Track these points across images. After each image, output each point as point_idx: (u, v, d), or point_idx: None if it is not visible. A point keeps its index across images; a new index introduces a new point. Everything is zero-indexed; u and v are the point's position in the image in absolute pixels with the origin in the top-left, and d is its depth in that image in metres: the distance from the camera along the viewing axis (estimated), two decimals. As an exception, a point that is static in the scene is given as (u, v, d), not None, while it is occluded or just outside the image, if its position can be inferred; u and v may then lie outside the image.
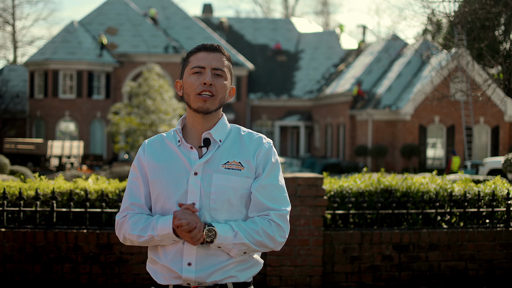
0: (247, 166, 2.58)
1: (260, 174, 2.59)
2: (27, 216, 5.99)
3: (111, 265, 5.87)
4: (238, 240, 2.49)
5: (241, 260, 2.56)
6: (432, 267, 6.23)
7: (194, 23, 41.83)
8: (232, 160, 2.57)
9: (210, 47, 2.62)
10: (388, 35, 38.99)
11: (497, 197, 6.44)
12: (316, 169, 33.08)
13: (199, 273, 2.50)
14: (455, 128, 31.01)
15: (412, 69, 33.01)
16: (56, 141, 29.09)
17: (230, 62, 2.66)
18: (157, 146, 2.66)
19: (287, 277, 6.00)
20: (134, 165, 2.68)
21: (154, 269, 2.62)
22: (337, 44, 44.18)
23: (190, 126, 2.65)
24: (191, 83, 2.58)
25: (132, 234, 2.58)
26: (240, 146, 2.61)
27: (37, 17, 74.35)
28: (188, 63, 2.64)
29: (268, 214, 2.56)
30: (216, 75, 2.59)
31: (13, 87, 39.37)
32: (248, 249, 2.53)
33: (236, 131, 2.67)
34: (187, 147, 2.60)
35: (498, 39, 19.39)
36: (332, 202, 6.19)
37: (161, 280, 2.58)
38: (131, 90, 28.86)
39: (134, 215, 2.62)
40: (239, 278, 2.56)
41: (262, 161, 2.60)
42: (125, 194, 2.69)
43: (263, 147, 2.62)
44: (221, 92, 2.59)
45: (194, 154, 2.58)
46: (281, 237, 2.56)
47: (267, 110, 41.52)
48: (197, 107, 2.57)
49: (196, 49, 2.63)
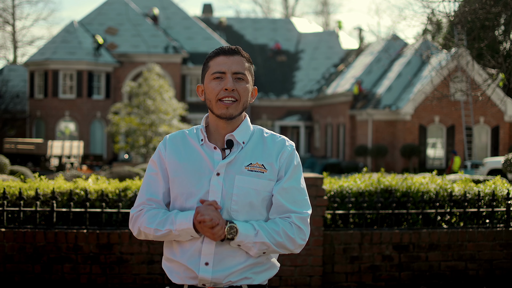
0: (270, 168, 2.56)
1: (282, 177, 2.58)
2: (27, 216, 5.99)
3: (111, 265, 5.87)
4: (259, 239, 2.48)
5: (258, 262, 2.55)
6: (432, 267, 6.23)
7: (194, 23, 41.82)
8: (255, 162, 2.56)
9: (229, 50, 2.58)
10: (388, 35, 39.01)
11: (497, 197, 6.44)
12: (316, 169, 33.08)
13: (216, 273, 2.49)
14: (455, 128, 31.01)
15: (412, 69, 33.01)
16: (56, 141, 29.09)
17: (250, 63, 2.62)
18: (178, 142, 2.63)
19: (287, 277, 6.00)
20: (154, 160, 2.65)
21: (170, 267, 2.60)
22: (337, 44, 44.19)
23: (214, 128, 2.62)
24: (213, 88, 2.55)
25: (148, 228, 2.56)
26: (263, 148, 2.60)
27: (37, 17, 74.35)
28: (208, 68, 2.60)
29: (289, 217, 2.55)
30: (237, 79, 2.56)
31: (13, 87, 39.36)
32: (268, 249, 2.51)
33: (259, 132, 2.65)
34: (210, 147, 2.58)
35: (498, 39, 19.39)
36: (332, 202, 6.19)
37: (176, 279, 2.57)
38: (131, 90, 28.85)
39: (150, 209, 2.60)
40: (254, 280, 2.55)
41: (284, 164, 2.59)
42: (141, 188, 2.65)
43: (286, 149, 2.61)
44: (244, 96, 2.57)
45: (217, 155, 2.56)
46: (301, 239, 2.56)
47: (267, 110, 41.53)
48: (220, 113, 2.55)
49: (214, 53, 2.59)
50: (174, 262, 2.57)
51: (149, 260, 5.87)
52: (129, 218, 2.66)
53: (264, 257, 2.57)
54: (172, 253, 2.58)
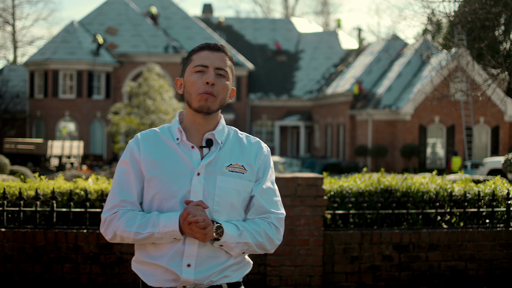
0: (250, 169, 2.57)
1: (260, 178, 2.60)
2: (27, 216, 5.99)
3: (111, 265, 5.87)
4: (242, 239, 2.49)
5: (236, 262, 2.56)
6: (432, 267, 6.23)
7: (194, 23, 41.82)
8: (235, 163, 2.55)
9: (214, 46, 2.58)
10: (388, 35, 39.00)
11: (497, 197, 6.44)
12: (316, 169, 33.08)
13: (198, 275, 2.47)
14: (455, 128, 31.01)
15: (412, 69, 33.01)
16: (56, 141, 29.10)
17: (232, 63, 2.63)
18: (152, 141, 2.57)
19: (287, 277, 6.00)
20: (125, 160, 2.57)
21: (144, 269, 2.55)
22: (337, 44, 44.19)
23: (190, 125, 2.59)
24: (194, 81, 2.54)
25: (127, 231, 2.48)
26: (241, 149, 2.60)
27: (37, 17, 74.38)
28: (190, 61, 2.59)
29: (268, 217, 2.57)
30: (218, 75, 2.55)
31: (13, 87, 39.35)
32: (248, 249, 2.53)
33: (234, 133, 2.65)
34: (188, 145, 2.55)
35: (498, 39, 19.38)
36: (332, 202, 6.19)
37: (152, 282, 2.51)
38: (131, 90, 28.85)
39: (126, 211, 2.52)
40: (232, 278, 2.55)
41: (262, 166, 2.61)
42: (112, 190, 2.56)
43: (263, 151, 2.63)
44: (223, 92, 2.56)
45: (195, 154, 2.54)
46: (278, 240, 2.60)
47: (267, 110, 41.52)
48: (198, 106, 2.53)
49: (199, 47, 2.58)
50: (150, 264, 2.52)
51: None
52: (101, 222, 2.56)
53: (241, 256, 2.58)
54: (148, 255, 2.53)
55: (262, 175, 2.60)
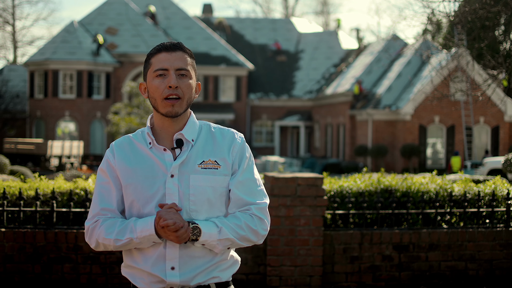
0: (224, 164, 2.54)
1: (236, 170, 2.56)
2: (27, 216, 5.99)
3: (111, 265, 5.88)
4: (222, 236, 2.46)
5: (223, 260, 2.54)
6: (432, 267, 6.23)
7: (194, 23, 41.83)
8: (207, 159, 2.53)
9: (170, 46, 2.53)
10: (388, 35, 39.00)
11: (497, 197, 6.44)
12: (316, 169, 33.08)
13: (183, 276, 2.46)
14: (455, 128, 31.01)
15: (412, 69, 33.01)
16: (56, 141, 29.10)
17: (192, 58, 2.58)
18: (126, 148, 2.57)
19: (287, 277, 6.00)
20: (103, 169, 2.57)
21: (131, 273, 2.55)
22: (337, 44, 44.18)
23: (159, 128, 2.58)
24: (156, 87, 2.50)
25: (107, 239, 2.49)
26: (213, 143, 2.57)
27: (37, 17, 74.40)
28: (150, 65, 2.55)
29: (249, 209, 2.54)
30: (180, 75, 2.51)
31: (13, 87, 39.36)
32: (232, 244, 2.51)
33: (206, 128, 2.61)
34: (159, 149, 2.53)
35: (498, 39, 19.38)
36: (332, 202, 6.18)
37: (140, 285, 2.52)
38: (131, 90, 28.86)
39: (106, 219, 2.53)
40: (221, 278, 2.54)
41: (237, 157, 2.57)
42: (94, 199, 2.58)
43: (236, 142, 2.58)
44: (187, 92, 2.52)
45: (168, 156, 2.52)
46: (263, 230, 2.56)
47: (267, 110, 41.51)
48: (165, 112, 2.51)
49: (156, 49, 2.54)
50: (135, 269, 2.53)
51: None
52: (85, 231, 2.58)
53: (228, 254, 2.56)
54: (133, 261, 2.53)
55: (238, 166, 2.56)
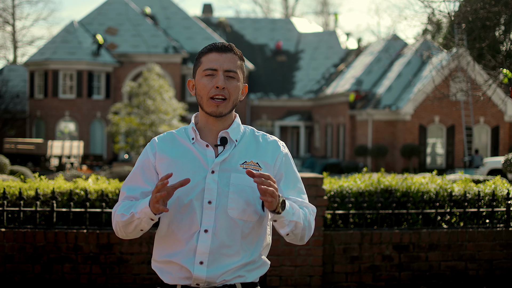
0: (265, 167, 2.57)
1: (282, 176, 2.62)
2: (27, 216, 5.99)
3: (111, 265, 5.87)
4: (295, 218, 2.51)
5: (251, 261, 2.55)
6: (432, 267, 6.22)
7: (194, 23, 41.82)
8: (250, 160, 2.56)
9: (222, 47, 2.56)
10: (388, 35, 38.99)
11: (497, 197, 6.44)
12: (316, 169, 33.08)
13: (210, 272, 2.48)
14: (455, 128, 31.01)
15: (412, 69, 33.01)
16: (56, 141, 29.09)
17: (242, 61, 2.61)
18: (169, 142, 2.62)
19: (287, 277, 6.00)
20: (142, 160, 2.63)
21: (161, 267, 2.59)
22: (337, 44, 44.17)
23: (204, 126, 2.61)
24: (204, 85, 2.54)
25: (118, 215, 2.55)
26: (256, 147, 2.60)
27: (37, 17, 74.36)
28: (200, 63, 2.59)
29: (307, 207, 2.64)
30: (228, 77, 2.54)
31: (13, 87, 39.34)
32: (294, 231, 2.53)
33: (250, 132, 2.66)
34: (202, 144, 2.57)
35: (499, 39, 19.38)
36: (332, 202, 6.18)
37: (168, 280, 2.56)
38: (131, 90, 28.84)
39: (125, 201, 2.60)
40: (247, 278, 2.55)
41: (283, 166, 2.63)
42: (121, 189, 2.65)
43: (280, 151, 2.64)
44: (234, 94, 2.56)
45: (210, 152, 2.55)
46: (311, 234, 2.64)
47: (267, 110, 41.51)
48: (210, 111, 2.55)
49: (207, 49, 2.57)
50: (166, 262, 2.56)
51: (149, 260, 5.86)
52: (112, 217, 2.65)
53: (257, 256, 2.58)
54: (165, 253, 2.57)
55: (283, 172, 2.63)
